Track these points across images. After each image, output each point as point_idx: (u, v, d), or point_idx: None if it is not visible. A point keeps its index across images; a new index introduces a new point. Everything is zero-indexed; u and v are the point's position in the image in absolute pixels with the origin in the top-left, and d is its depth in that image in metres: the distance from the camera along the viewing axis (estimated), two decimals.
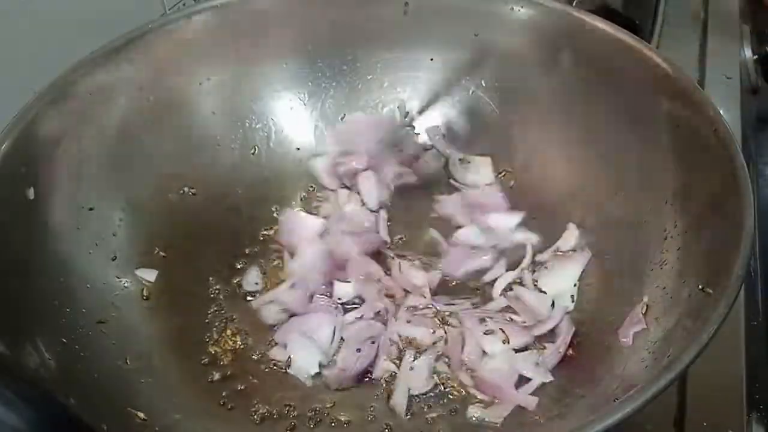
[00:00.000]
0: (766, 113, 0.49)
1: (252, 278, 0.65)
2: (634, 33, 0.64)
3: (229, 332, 0.61)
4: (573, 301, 0.61)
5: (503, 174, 0.71)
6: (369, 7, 0.72)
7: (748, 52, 0.93)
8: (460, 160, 0.73)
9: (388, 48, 0.73)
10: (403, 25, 0.72)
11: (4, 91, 0.63)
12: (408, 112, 0.74)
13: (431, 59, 0.74)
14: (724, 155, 0.51)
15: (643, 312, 0.53)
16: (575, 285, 0.62)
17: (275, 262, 0.66)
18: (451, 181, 0.72)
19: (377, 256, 0.66)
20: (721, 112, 0.55)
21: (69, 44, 0.66)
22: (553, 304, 0.61)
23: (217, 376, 0.57)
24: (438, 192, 0.72)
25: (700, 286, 0.48)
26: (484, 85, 0.72)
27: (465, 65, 0.73)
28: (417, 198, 0.71)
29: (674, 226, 0.55)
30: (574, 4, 0.75)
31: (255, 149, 0.72)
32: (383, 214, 0.69)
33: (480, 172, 0.72)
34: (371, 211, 0.69)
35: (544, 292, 0.62)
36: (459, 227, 0.68)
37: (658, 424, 0.54)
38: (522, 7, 0.68)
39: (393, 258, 0.65)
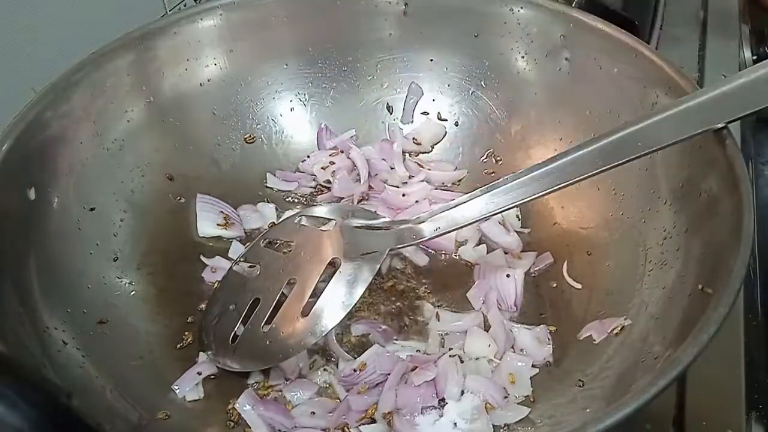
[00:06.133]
0: (765, 113, 0.49)
1: None
2: (634, 33, 0.64)
3: None
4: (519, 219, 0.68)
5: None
6: (369, 8, 0.72)
7: (747, 53, 0.94)
8: None
9: (388, 49, 0.74)
10: (403, 26, 0.73)
11: (5, 91, 0.63)
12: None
13: (431, 60, 0.74)
14: (723, 155, 0.51)
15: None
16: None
17: None
18: None
19: None
20: None
21: (70, 44, 0.66)
22: None
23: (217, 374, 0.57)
24: None
25: (700, 286, 0.48)
26: (483, 85, 0.73)
27: (465, 66, 0.73)
28: None
29: (674, 226, 0.55)
30: (573, 4, 0.75)
31: (255, 149, 0.72)
32: None
33: None
34: None
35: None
36: None
37: (658, 424, 0.54)
38: (521, 8, 0.69)
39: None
